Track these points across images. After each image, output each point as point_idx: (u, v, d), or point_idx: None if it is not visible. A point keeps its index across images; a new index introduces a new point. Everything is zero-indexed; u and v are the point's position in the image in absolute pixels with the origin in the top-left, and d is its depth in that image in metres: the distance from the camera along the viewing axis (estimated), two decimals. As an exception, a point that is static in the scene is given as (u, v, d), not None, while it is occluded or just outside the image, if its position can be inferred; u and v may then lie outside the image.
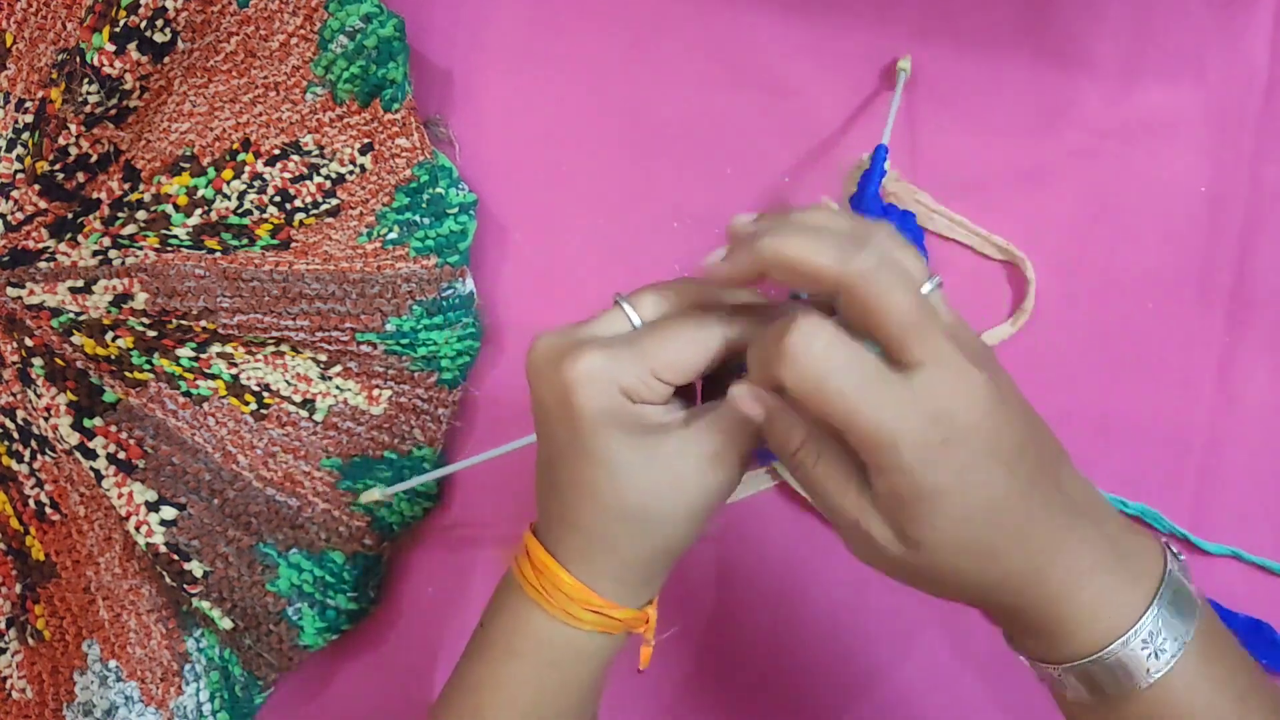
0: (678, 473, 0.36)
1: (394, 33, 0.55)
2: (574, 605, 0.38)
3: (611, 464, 0.36)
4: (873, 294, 0.31)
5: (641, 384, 0.35)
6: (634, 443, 0.35)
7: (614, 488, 0.36)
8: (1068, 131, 0.59)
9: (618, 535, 0.37)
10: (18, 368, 0.55)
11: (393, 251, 0.57)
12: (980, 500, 0.32)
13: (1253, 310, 0.59)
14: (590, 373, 0.35)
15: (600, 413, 0.35)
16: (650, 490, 0.36)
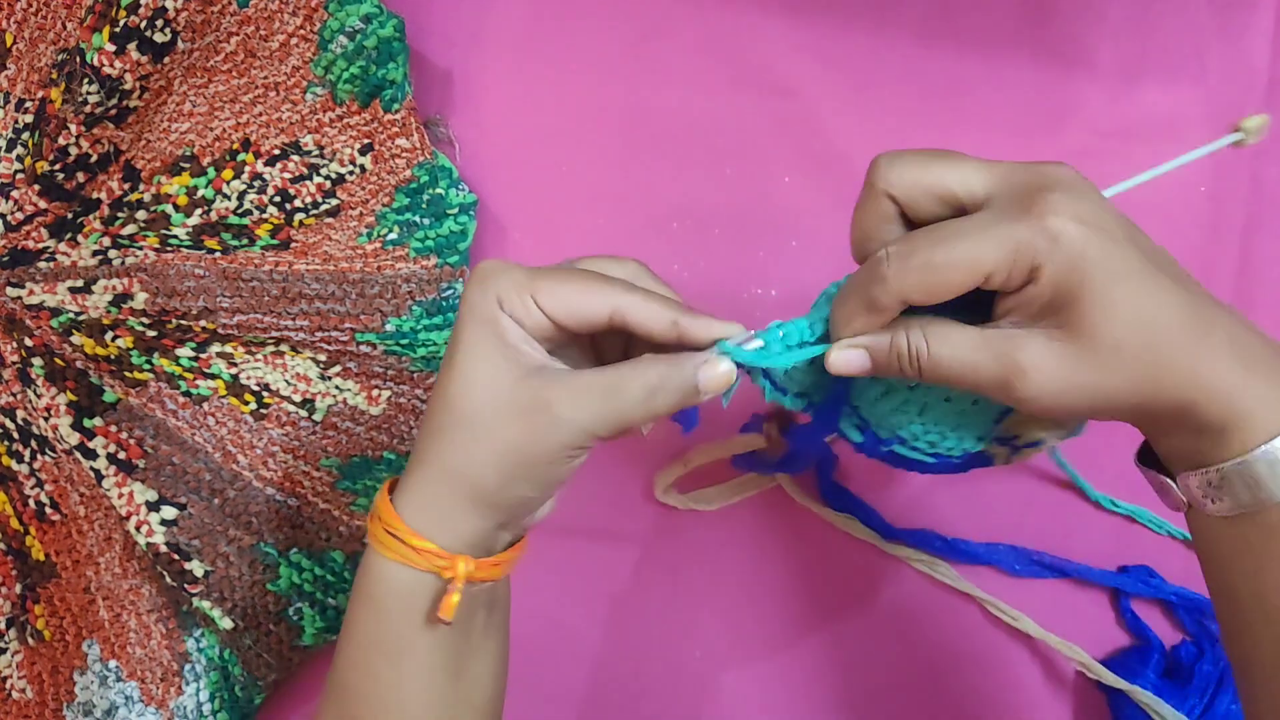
0: (506, 393, 0.36)
1: (394, 33, 0.55)
2: (380, 528, 0.38)
3: (457, 356, 0.37)
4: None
5: (516, 297, 0.37)
6: (487, 347, 0.37)
7: (446, 379, 0.37)
8: (1068, 131, 0.59)
9: (430, 435, 0.37)
10: (18, 368, 0.55)
11: (393, 252, 0.57)
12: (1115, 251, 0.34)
13: (1253, 310, 0.59)
14: (481, 274, 0.37)
15: (472, 308, 0.37)
16: (473, 396, 0.37)
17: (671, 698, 0.57)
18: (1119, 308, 0.34)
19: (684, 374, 0.37)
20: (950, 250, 0.35)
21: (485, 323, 0.37)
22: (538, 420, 0.36)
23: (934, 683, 0.58)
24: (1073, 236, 0.34)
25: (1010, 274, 0.34)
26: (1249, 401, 0.34)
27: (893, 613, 0.58)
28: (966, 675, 0.58)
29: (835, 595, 0.58)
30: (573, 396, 0.36)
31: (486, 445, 0.37)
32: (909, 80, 0.59)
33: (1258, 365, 0.35)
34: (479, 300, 0.37)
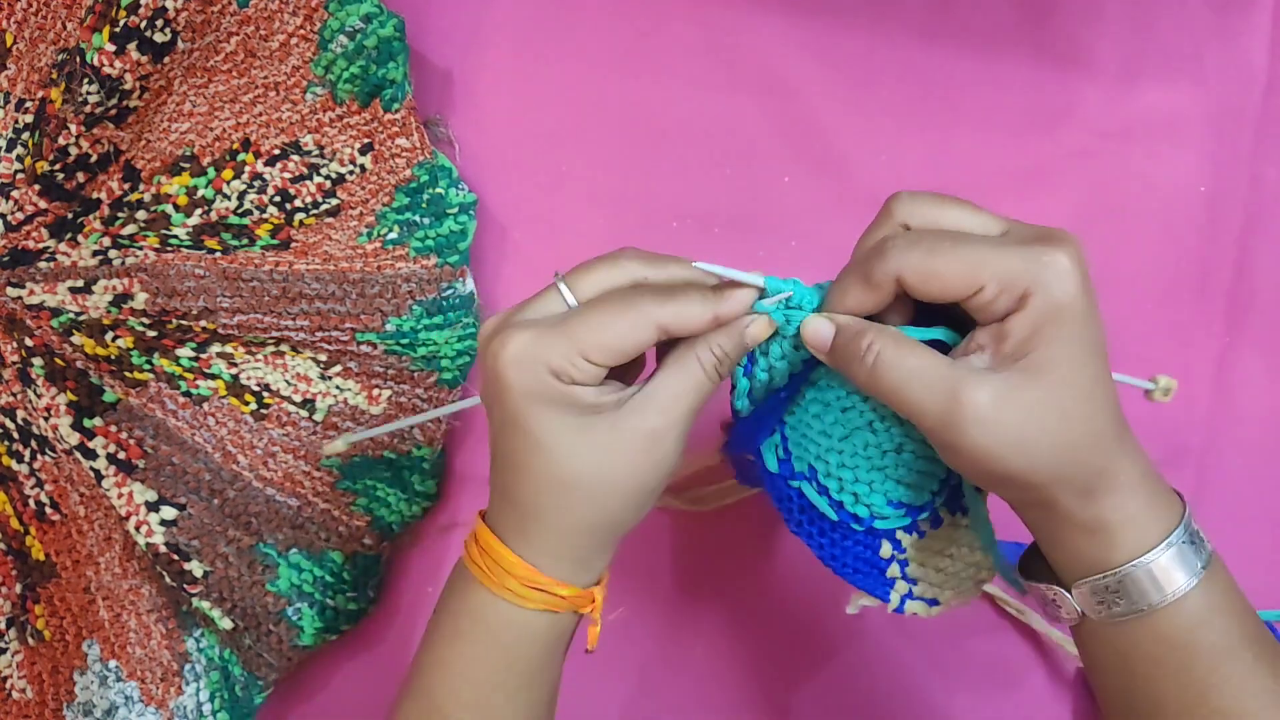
0: (607, 448, 0.37)
1: (394, 33, 0.55)
2: (515, 582, 0.38)
3: (539, 438, 0.37)
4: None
5: (570, 365, 0.36)
6: (563, 419, 0.37)
7: (542, 461, 0.37)
8: (1068, 131, 0.59)
9: (547, 508, 0.38)
10: (18, 368, 0.55)
11: (393, 251, 0.57)
12: (1096, 323, 0.35)
13: (1252, 311, 0.59)
14: (517, 354, 0.36)
15: (527, 392, 0.37)
16: (579, 464, 0.37)
17: (669, 697, 0.57)
18: (1082, 373, 0.35)
19: (737, 337, 0.39)
20: (957, 247, 0.35)
21: (551, 402, 0.37)
22: (654, 449, 0.38)
23: (935, 681, 0.57)
24: (1072, 281, 0.34)
25: (1000, 293, 0.34)
26: (1142, 501, 0.36)
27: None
28: (968, 674, 0.58)
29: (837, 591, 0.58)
30: (668, 412, 0.38)
31: (618, 494, 0.38)
32: (908, 80, 0.59)
33: (1149, 470, 0.37)
34: (532, 383, 0.37)
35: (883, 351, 0.36)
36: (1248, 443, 0.58)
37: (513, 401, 0.37)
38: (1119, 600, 0.36)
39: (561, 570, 0.39)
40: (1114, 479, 0.35)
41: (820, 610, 0.58)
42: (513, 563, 0.39)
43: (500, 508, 0.39)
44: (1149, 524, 0.36)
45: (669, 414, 0.38)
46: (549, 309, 0.38)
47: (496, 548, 0.39)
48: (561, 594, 0.39)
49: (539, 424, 0.37)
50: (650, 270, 0.39)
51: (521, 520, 0.39)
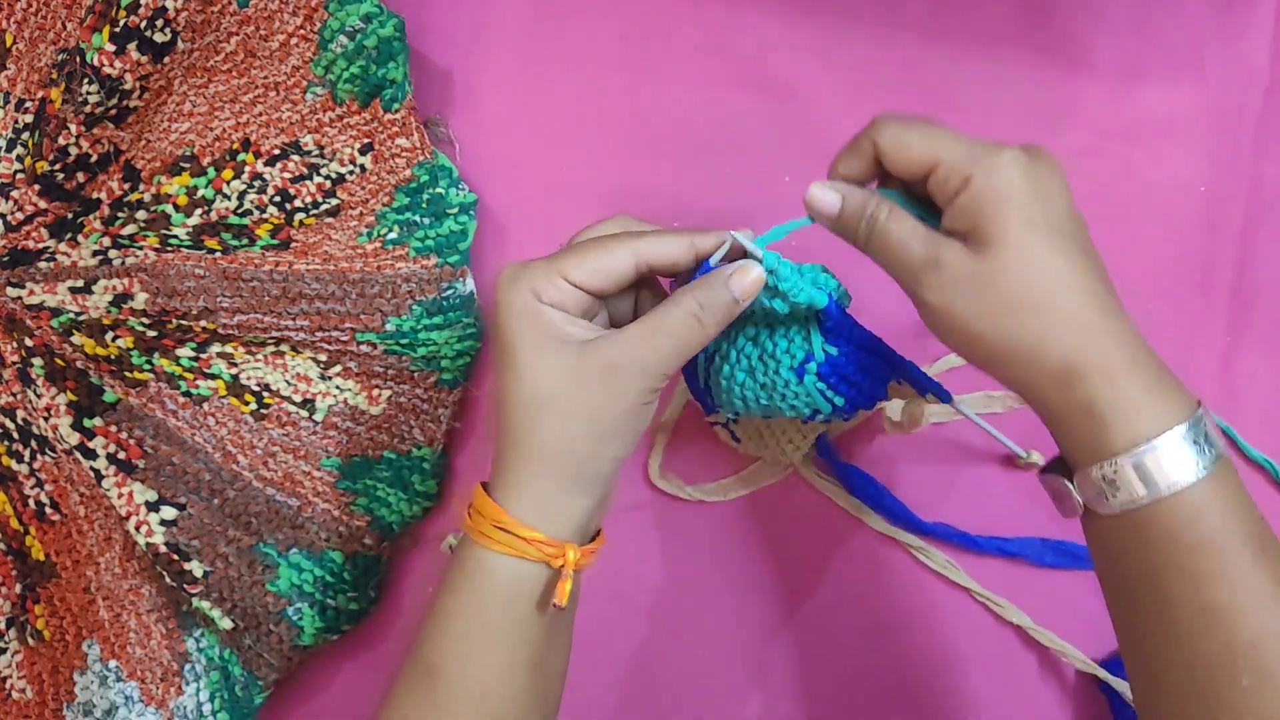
0: (570, 372, 0.39)
1: (394, 33, 0.55)
2: (485, 523, 0.40)
3: (514, 355, 0.40)
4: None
5: (549, 284, 0.40)
6: (536, 339, 0.39)
7: (514, 379, 0.40)
8: (1068, 131, 0.59)
9: (515, 429, 0.40)
10: (18, 368, 0.55)
11: (393, 251, 0.57)
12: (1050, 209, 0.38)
13: (1253, 310, 0.59)
14: (508, 275, 0.40)
15: (509, 308, 0.40)
16: (542, 383, 0.39)
17: (675, 690, 0.57)
18: (1031, 251, 0.37)
19: (718, 288, 0.40)
20: (927, 128, 0.40)
21: (529, 317, 0.40)
22: (612, 380, 0.39)
23: (936, 680, 0.57)
24: (1009, 171, 0.38)
25: (950, 174, 0.38)
26: (1135, 391, 0.37)
27: (898, 608, 0.58)
28: (969, 674, 0.57)
29: (840, 589, 0.58)
30: (633, 348, 0.40)
31: (576, 419, 0.39)
32: (909, 80, 0.59)
33: (1146, 364, 0.37)
34: (516, 300, 0.40)
35: (879, 216, 0.40)
36: (1250, 442, 0.58)
37: (500, 319, 0.40)
38: (1116, 492, 0.37)
39: (527, 511, 0.40)
40: (1095, 365, 0.37)
41: (822, 605, 0.58)
42: (484, 502, 0.40)
43: (495, 452, 0.41)
44: (1147, 415, 0.36)
45: (633, 350, 0.40)
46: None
47: (477, 490, 0.41)
48: (524, 536, 0.39)
49: (515, 340, 0.40)
50: (638, 225, 0.44)
51: (501, 457, 0.40)
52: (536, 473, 0.40)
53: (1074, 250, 0.38)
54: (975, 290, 0.38)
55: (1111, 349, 0.37)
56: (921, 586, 0.58)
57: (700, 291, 0.40)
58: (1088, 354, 0.37)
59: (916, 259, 0.39)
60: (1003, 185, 0.37)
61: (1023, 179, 0.38)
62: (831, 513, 0.58)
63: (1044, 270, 0.37)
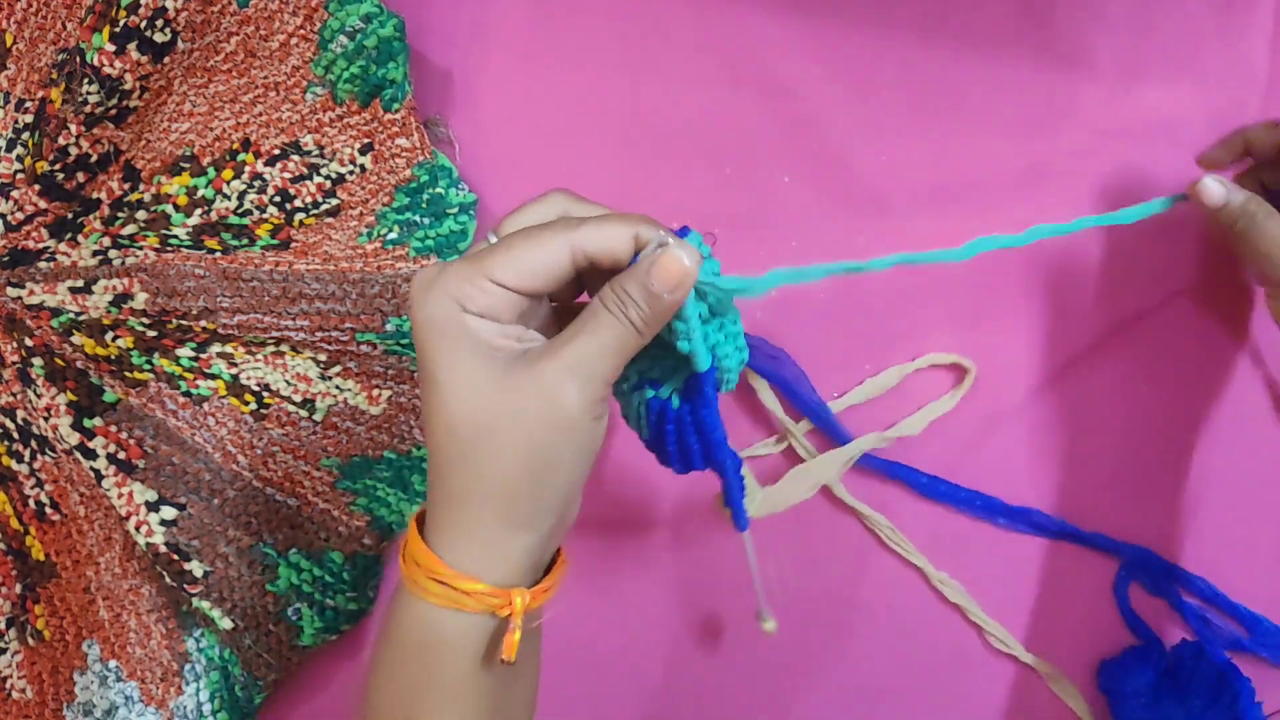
0: (500, 391, 0.34)
1: (394, 33, 0.55)
2: (420, 574, 0.35)
3: (435, 376, 0.34)
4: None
5: (475, 288, 0.34)
6: (460, 355, 0.34)
7: (438, 403, 0.34)
8: (1067, 131, 0.59)
9: (444, 463, 0.34)
10: (18, 368, 0.55)
11: (393, 251, 0.57)
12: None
13: (1253, 310, 0.59)
14: (422, 282, 0.34)
15: (429, 321, 0.34)
16: (469, 407, 0.34)
17: (677, 698, 0.57)
18: None
19: (638, 281, 0.35)
20: None
21: (451, 332, 0.34)
22: (545, 404, 0.34)
23: (937, 681, 0.57)
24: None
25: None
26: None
27: (899, 613, 0.58)
28: (970, 674, 0.57)
29: (841, 596, 0.58)
30: (565, 364, 0.34)
31: (508, 454, 0.34)
32: (909, 80, 0.59)
33: None
34: (435, 311, 0.34)
35: (1258, 214, 0.48)
36: (1252, 444, 0.58)
37: (417, 335, 0.34)
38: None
39: (464, 558, 0.34)
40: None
41: (824, 611, 0.58)
42: (417, 548, 0.35)
43: (428, 485, 0.36)
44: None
45: (566, 359, 0.34)
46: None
47: (411, 531, 0.36)
48: (464, 588, 0.34)
49: (436, 359, 0.34)
50: (577, 206, 0.37)
51: (430, 489, 0.35)
52: (473, 514, 0.34)
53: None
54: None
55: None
56: (922, 590, 0.58)
57: (629, 283, 0.35)
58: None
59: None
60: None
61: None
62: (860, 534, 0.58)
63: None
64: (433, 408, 0.34)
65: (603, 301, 0.35)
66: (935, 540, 0.58)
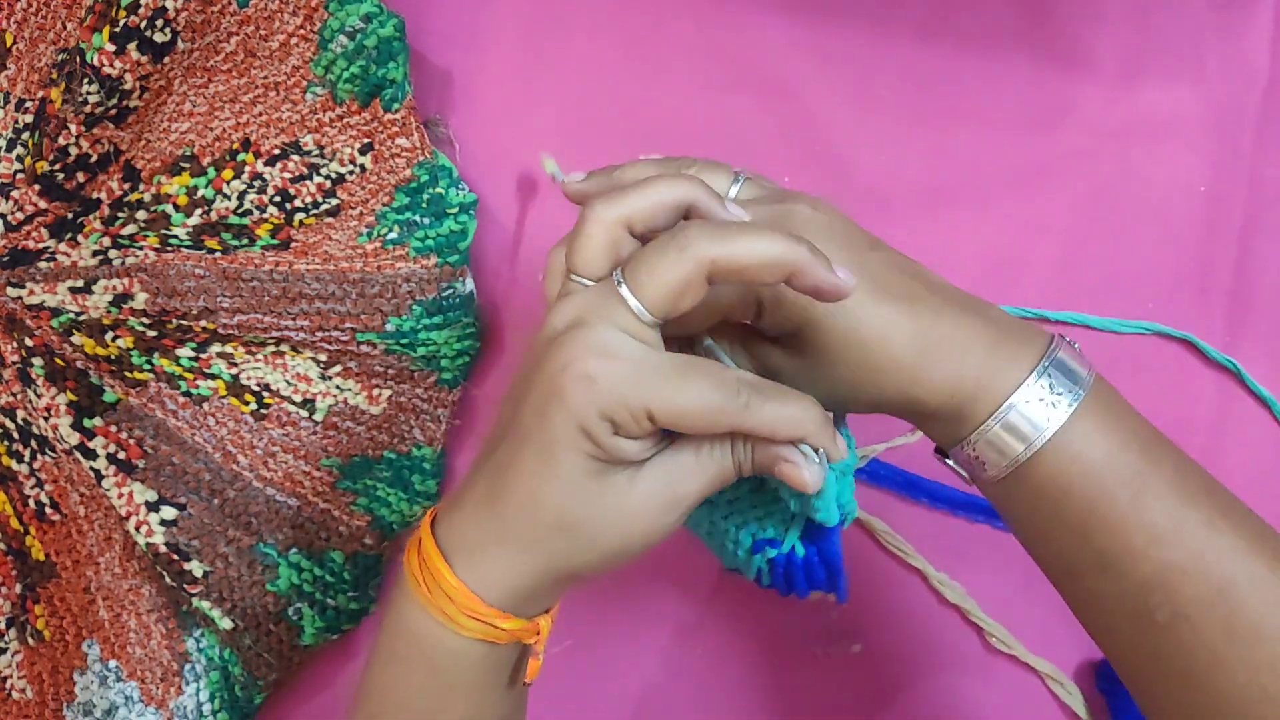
0: (615, 506, 0.35)
1: (394, 33, 0.55)
2: (453, 608, 0.35)
3: (561, 473, 0.34)
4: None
5: (634, 422, 0.33)
6: (591, 464, 0.34)
7: (550, 494, 0.34)
8: (1068, 131, 0.59)
9: (528, 539, 0.35)
10: (18, 368, 0.55)
11: (393, 251, 0.57)
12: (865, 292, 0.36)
13: (1253, 311, 0.59)
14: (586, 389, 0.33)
15: (578, 428, 0.33)
16: (582, 511, 0.34)
17: (674, 697, 0.57)
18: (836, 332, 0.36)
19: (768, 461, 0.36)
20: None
21: (593, 446, 0.33)
22: (650, 520, 0.35)
23: (937, 681, 0.57)
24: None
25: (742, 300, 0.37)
26: (970, 386, 0.36)
27: (899, 615, 0.58)
28: (970, 675, 0.57)
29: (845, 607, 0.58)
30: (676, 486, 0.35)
31: (600, 554, 0.35)
32: (908, 80, 0.59)
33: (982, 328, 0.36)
34: (589, 419, 0.33)
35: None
36: (1251, 444, 0.58)
37: (559, 428, 0.33)
38: (984, 465, 0.37)
39: (508, 602, 0.35)
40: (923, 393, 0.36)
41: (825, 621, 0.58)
42: (454, 587, 0.35)
43: (465, 515, 0.36)
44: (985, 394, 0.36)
45: (681, 496, 0.35)
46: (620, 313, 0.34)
47: (438, 566, 0.35)
48: (502, 626, 0.35)
49: (569, 459, 0.34)
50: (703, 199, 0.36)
51: (492, 542, 0.35)
52: (535, 581, 0.35)
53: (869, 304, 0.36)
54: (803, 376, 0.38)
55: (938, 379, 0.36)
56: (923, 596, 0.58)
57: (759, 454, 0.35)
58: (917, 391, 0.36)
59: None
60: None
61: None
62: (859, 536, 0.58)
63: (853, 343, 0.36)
64: (544, 494, 0.34)
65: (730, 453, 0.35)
66: (934, 542, 0.58)
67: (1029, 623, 0.57)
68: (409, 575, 0.36)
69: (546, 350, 0.34)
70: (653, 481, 0.35)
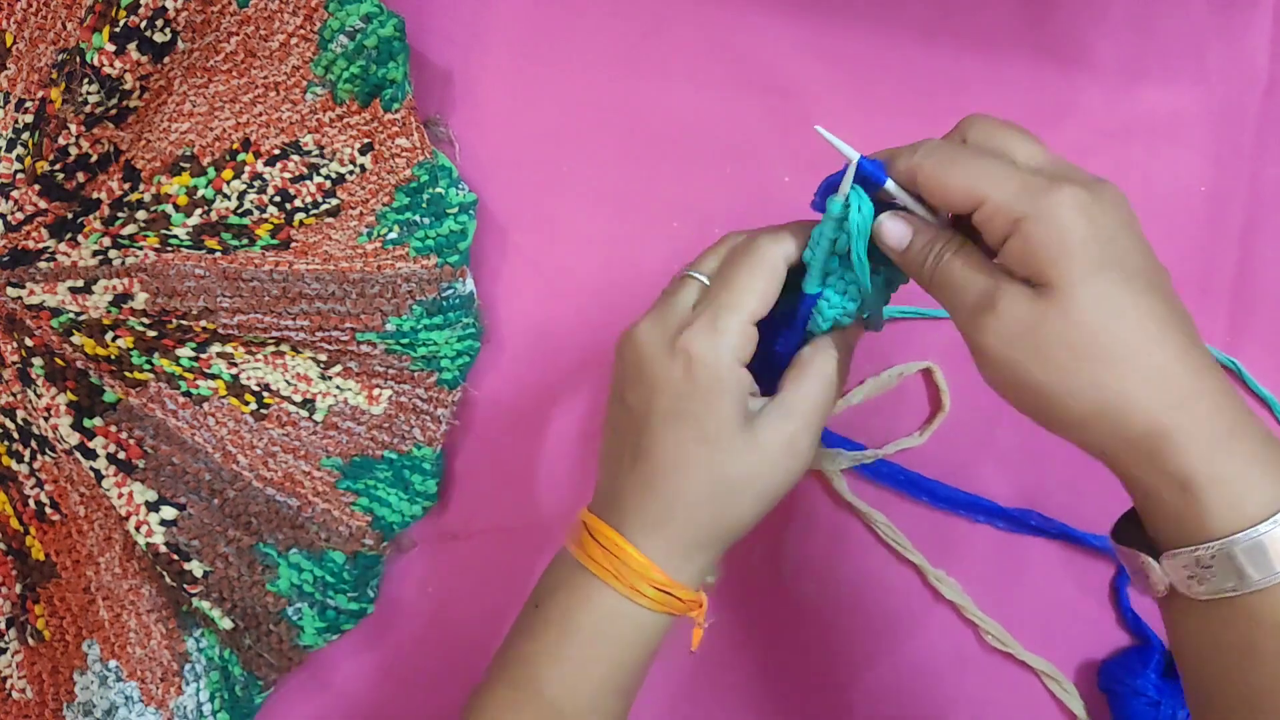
0: (759, 450, 0.39)
1: (394, 33, 0.55)
2: (642, 582, 0.39)
3: (714, 434, 0.38)
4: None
5: (745, 339, 0.39)
6: (735, 418, 0.38)
7: (709, 457, 0.38)
8: (1068, 131, 0.59)
9: (703, 506, 0.39)
10: (18, 368, 0.55)
11: (393, 251, 0.57)
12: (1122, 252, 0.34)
13: (1254, 310, 0.59)
14: (709, 343, 0.38)
15: (720, 383, 0.38)
16: (739, 465, 0.38)
17: (673, 696, 0.57)
18: (1104, 297, 0.33)
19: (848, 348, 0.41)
20: (971, 161, 0.36)
21: (733, 389, 0.39)
22: (792, 456, 0.39)
23: (933, 679, 0.57)
24: (1068, 214, 0.34)
25: (995, 214, 0.34)
26: (1237, 464, 0.32)
27: (895, 610, 0.58)
28: (967, 673, 0.57)
29: (837, 592, 0.58)
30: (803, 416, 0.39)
31: (759, 498, 0.40)
32: (909, 79, 0.59)
33: (1249, 431, 0.33)
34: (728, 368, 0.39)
35: (945, 253, 0.37)
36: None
37: (704, 394, 0.38)
38: (1211, 576, 0.32)
39: (684, 573, 0.40)
40: (1189, 432, 0.32)
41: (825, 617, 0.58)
42: (639, 560, 0.39)
43: (627, 505, 0.40)
44: (1251, 490, 0.32)
45: (807, 419, 0.39)
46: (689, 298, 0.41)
47: (621, 545, 0.40)
48: (684, 598, 0.40)
49: (716, 418, 0.38)
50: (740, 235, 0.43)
51: (660, 519, 0.39)
52: (706, 543, 0.40)
53: (1155, 297, 0.33)
54: (1038, 339, 0.33)
55: (1207, 413, 0.32)
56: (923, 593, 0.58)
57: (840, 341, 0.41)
58: (1180, 418, 0.32)
59: (971, 295, 0.35)
60: (1061, 230, 0.33)
61: (1085, 221, 0.33)
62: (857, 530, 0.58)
63: (1121, 319, 0.33)
64: (703, 459, 0.39)
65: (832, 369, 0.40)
66: (932, 537, 0.58)
67: (1027, 622, 0.57)
68: (591, 561, 0.40)
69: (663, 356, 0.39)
70: (776, 418, 0.39)
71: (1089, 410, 0.33)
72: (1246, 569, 0.32)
